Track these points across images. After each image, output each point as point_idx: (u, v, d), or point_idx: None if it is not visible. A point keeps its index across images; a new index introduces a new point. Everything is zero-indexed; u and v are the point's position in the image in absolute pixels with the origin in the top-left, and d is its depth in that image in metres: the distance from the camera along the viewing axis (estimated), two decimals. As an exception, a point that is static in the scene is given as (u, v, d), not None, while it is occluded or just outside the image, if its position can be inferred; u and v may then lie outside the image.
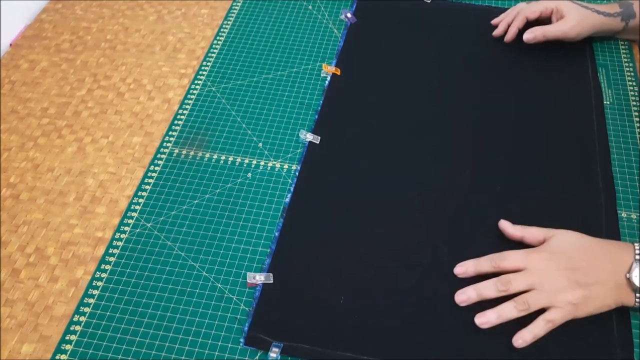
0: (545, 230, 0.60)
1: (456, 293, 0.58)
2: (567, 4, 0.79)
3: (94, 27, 0.89)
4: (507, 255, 0.58)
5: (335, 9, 0.90)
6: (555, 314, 0.54)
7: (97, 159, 0.72)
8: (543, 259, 0.57)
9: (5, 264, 0.63)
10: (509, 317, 0.55)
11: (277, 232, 0.64)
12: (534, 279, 0.56)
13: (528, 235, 0.60)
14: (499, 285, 0.56)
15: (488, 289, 0.57)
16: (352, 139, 0.72)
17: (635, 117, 0.74)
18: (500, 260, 0.58)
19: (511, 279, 0.56)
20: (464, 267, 0.59)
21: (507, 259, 0.58)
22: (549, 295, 0.55)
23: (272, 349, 0.55)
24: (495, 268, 0.58)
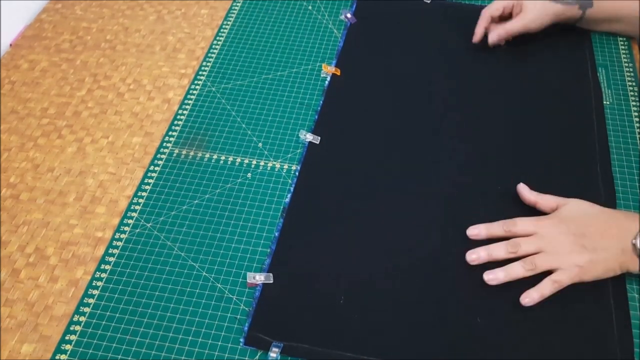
0: (558, 199, 0.62)
1: (467, 252, 0.60)
2: None
3: (94, 27, 0.89)
4: (518, 220, 0.60)
5: (335, 9, 0.90)
6: (562, 275, 0.56)
7: (97, 159, 0.72)
8: (552, 225, 0.59)
9: (5, 264, 0.63)
10: (516, 276, 0.58)
11: (277, 232, 0.64)
12: (542, 242, 0.58)
13: (542, 201, 0.63)
14: (509, 247, 0.59)
15: (498, 250, 0.59)
16: (352, 139, 0.72)
17: (635, 117, 0.74)
18: (512, 225, 0.60)
19: (520, 242, 0.59)
20: (476, 230, 0.62)
21: (518, 224, 0.60)
22: (556, 257, 0.57)
23: (272, 349, 0.55)
24: (506, 232, 0.60)
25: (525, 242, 0.59)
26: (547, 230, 0.59)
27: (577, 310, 0.57)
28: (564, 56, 0.81)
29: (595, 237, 0.57)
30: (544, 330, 0.56)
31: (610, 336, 0.55)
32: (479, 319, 0.57)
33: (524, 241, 0.59)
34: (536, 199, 0.63)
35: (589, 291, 0.58)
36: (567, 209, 0.61)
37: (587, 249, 0.57)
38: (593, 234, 0.57)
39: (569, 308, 0.57)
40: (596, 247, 0.57)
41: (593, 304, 0.58)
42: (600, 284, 0.58)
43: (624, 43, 0.83)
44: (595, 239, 0.57)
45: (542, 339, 0.55)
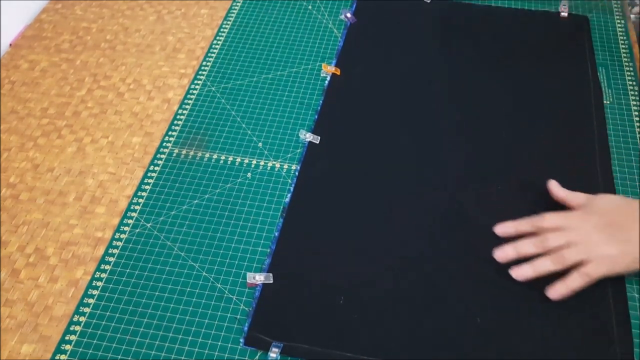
0: (589, 195, 0.61)
1: (495, 250, 0.59)
2: None
3: (94, 27, 0.89)
4: (546, 215, 0.59)
5: (335, 9, 0.90)
6: (591, 268, 0.55)
7: (96, 159, 0.72)
8: (581, 217, 0.58)
9: (5, 264, 0.63)
10: (544, 270, 0.56)
11: (277, 232, 0.64)
12: (571, 235, 0.57)
13: (571, 196, 0.61)
14: (537, 242, 0.58)
15: (526, 246, 0.58)
16: (352, 139, 0.72)
17: (635, 117, 0.74)
18: (540, 221, 0.59)
19: (549, 236, 0.58)
20: (504, 227, 0.61)
21: (546, 219, 0.59)
22: (585, 249, 0.56)
23: (272, 349, 0.55)
24: (534, 228, 0.59)
25: (553, 236, 0.57)
26: (576, 223, 0.58)
27: (577, 310, 0.57)
28: (564, 56, 0.81)
29: (627, 227, 0.56)
30: (543, 330, 0.56)
31: (610, 336, 0.55)
32: (478, 319, 0.57)
33: (553, 235, 0.58)
34: (566, 195, 0.62)
35: (588, 291, 0.58)
36: (596, 201, 0.59)
37: (618, 240, 0.55)
38: (624, 224, 0.56)
39: (569, 308, 0.57)
40: (628, 239, 0.55)
41: (593, 304, 0.57)
42: (600, 284, 0.58)
43: (624, 43, 0.83)
44: (627, 229, 0.56)
45: (541, 339, 0.55)
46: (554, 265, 0.56)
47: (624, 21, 0.86)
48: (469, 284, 0.59)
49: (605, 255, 0.55)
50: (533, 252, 0.58)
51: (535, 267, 0.57)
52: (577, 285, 0.56)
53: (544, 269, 0.57)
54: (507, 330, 0.56)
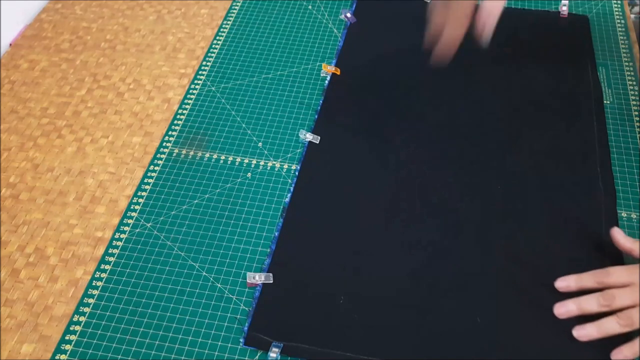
0: None
1: (556, 305, 0.56)
2: None
3: (94, 27, 0.89)
4: (612, 270, 0.55)
5: (335, 9, 0.90)
6: None
7: (96, 158, 0.72)
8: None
9: (5, 264, 0.63)
10: (610, 333, 0.53)
11: (277, 232, 0.64)
12: None
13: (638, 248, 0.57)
14: (602, 300, 0.54)
15: (590, 303, 0.54)
16: (352, 139, 0.72)
17: (635, 117, 0.74)
18: (605, 276, 0.55)
19: (615, 293, 0.53)
20: (565, 282, 0.57)
21: (612, 274, 0.55)
22: None
23: (272, 349, 0.55)
24: (599, 284, 0.55)
25: (620, 295, 0.53)
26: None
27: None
28: (564, 56, 0.81)
29: None
30: (543, 330, 0.56)
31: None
32: (478, 319, 0.57)
33: (619, 293, 0.53)
34: (632, 247, 0.57)
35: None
36: None
37: None
38: None
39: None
40: None
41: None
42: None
43: (624, 43, 0.83)
44: None
45: (541, 339, 0.55)
46: (622, 328, 0.52)
47: (624, 21, 0.86)
48: (470, 284, 0.59)
49: None
50: (597, 310, 0.54)
51: (601, 329, 0.53)
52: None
53: (611, 331, 0.53)
54: (508, 330, 0.56)
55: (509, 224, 0.64)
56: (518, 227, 0.63)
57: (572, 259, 0.61)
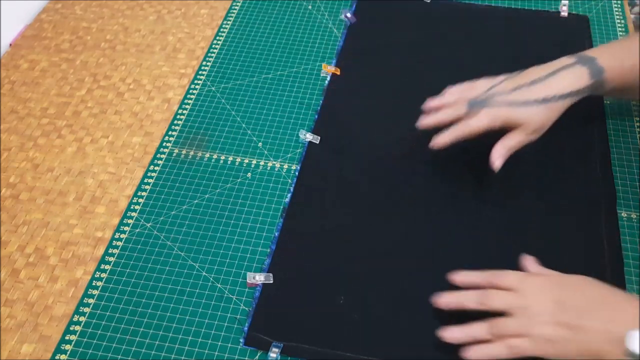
0: None
1: (437, 295, 0.56)
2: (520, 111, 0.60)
3: (94, 27, 0.89)
4: (506, 273, 0.54)
5: (335, 9, 0.90)
6: (524, 344, 0.49)
7: (96, 159, 0.72)
8: (539, 285, 0.52)
9: (5, 264, 0.63)
10: (476, 338, 0.52)
11: (277, 232, 0.64)
12: (518, 302, 0.51)
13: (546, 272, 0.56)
14: (479, 297, 0.53)
15: (468, 299, 0.54)
16: (352, 139, 0.72)
17: (635, 117, 0.74)
18: (496, 278, 0.54)
19: (494, 295, 0.52)
20: (459, 277, 0.57)
21: (503, 276, 0.54)
22: (525, 324, 0.50)
23: (272, 349, 0.55)
24: (488, 283, 0.54)
25: (498, 296, 0.52)
26: (531, 289, 0.51)
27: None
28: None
29: (581, 312, 0.49)
30: None
31: None
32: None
33: (498, 294, 0.52)
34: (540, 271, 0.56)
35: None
36: (567, 275, 0.53)
37: (566, 325, 0.49)
38: (580, 307, 0.49)
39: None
40: (578, 326, 0.48)
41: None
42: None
43: (624, 43, 0.83)
44: (581, 315, 0.49)
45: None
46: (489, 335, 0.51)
47: (624, 21, 0.86)
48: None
49: (544, 337, 0.49)
50: (473, 307, 0.53)
51: (467, 333, 0.52)
52: (501, 354, 0.50)
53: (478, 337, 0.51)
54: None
55: (509, 225, 0.64)
56: (517, 228, 0.63)
57: (572, 259, 0.61)
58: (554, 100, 0.60)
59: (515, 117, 0.60)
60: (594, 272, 0.59)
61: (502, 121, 0.61)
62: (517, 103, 0.60)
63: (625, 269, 0.60)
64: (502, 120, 0.61)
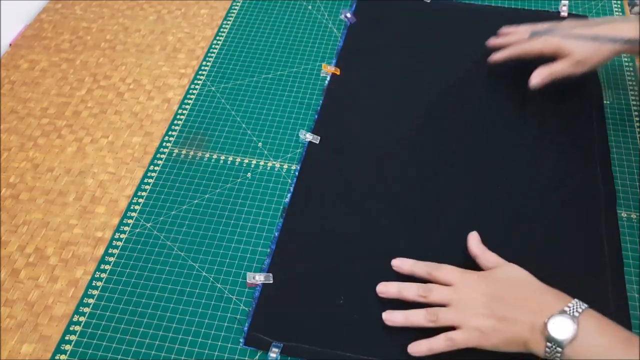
0: (498, 259, 0.57)
1: (380, 284, 0.58)
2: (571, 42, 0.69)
3: (94, 27, 0.89)
4: (444, 267, 0.57)
5: (335, 9, 0.90)
6: (459, 335, 0.53)
7: (96, 159, 0.72)
8: (473, 281, 0.55)
9: (5, 264, 0.63)
10: (415, 323, 0.55)
11: (277, 232, 0.64)
12: (455, 295, 0.54)
13: (483, 257, 0.58)
14: (420, 290, 0.56)
15: (409, 290, 0.56)
16: (352, 139, 0.72)
17: (635, 117, 0.74)
18: (435, 269, 0.57)
19: (434, 288, 0.55)
20: (400, 262, 0.59)
21: (442, 270, 0.57)
22: (461, 314, 0.53)
23: (272, 349, 0.55)
24: (428, 275, 0.57)
25: (438, 290, 0.55)
26: (466, 285, 0.55)
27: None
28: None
29: (510, 306, 0.52)
30: None
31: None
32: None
33: (437, 289, 0.55)
34: (477, 253, 0.58)
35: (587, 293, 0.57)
36: (498, 270, 0.56)
37: (495, 316, 0.52)
38: (509, 302, 0.52)
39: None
40: (506, 317, 0.52)
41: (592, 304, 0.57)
42: (600, 284, 0.58)
43: (624, 43, 0.83)
44: (509, 307, 0.52)
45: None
46: (426, 322, 0.54)
47: (624, 21, 0.86)
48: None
49: (476, 326, 0.52)
50: (414, 299, 0.56)
51: (407, 318, 0.55)
52: (441, 347, 0.53)
53: (416, 322, 0.55)
54: None
55: (509, 225, 0.64)
56: (518, 228, 0.63)
57: (572, 259, 0.61)
58: (605, 41, 0.68)
59: (565, 46, 0.69)
60: (594, 272, 0.60)
61: (554, 48, 0.70)
62: (571, 35, 0.69)
63: (625, 269, 0.60)
64: (553, 47, 0.70)
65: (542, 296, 0.53)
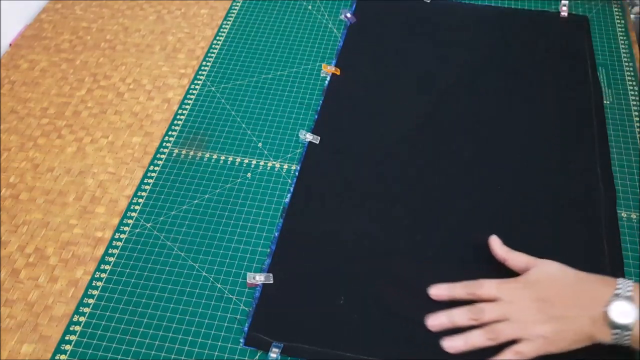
0: (528, 259, 0.57)
1: (429, 317, 0.56)
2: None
3: (94, 27, 0.89)
4: (483, 282, 0.56)
5: (335, 9, 0.90)
6: (525, 347, 0.52)
7: (96, 159, 0.72)
8: (517, 289, 0.55)
9: (5, 264, 0.63)
10: (476, 345, 0.53)
11: (277, 232, 0.64)
12: (506, 309, 0.54)
13: (511, 259, 0.58)
14: (471, 314, 0.55)
15: (460, 317, 0.55)
16: (352, 139, 0.72)
17: (635, 117, 0.74)
18: (476, 288, 0.56)
19: (484, 308, 0.54)
20: (437, 290, 0.57)
21: (483, 286, 0.56)
22: (520, 326, 0.52)
23: (272, 349, 0.55)
24: (469, 295, 0.56)
25: (489, 310, 0.54)
26: (511, 296, 0.54)
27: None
28: (564, 56, 0.81)
29: (563, 304, 0.52)
30: None
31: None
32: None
33: (487, 308, 0.54)
34: (506, 256, 0.58)
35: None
36: (535, 271, 0.55)
37: (553, 318, 0.52)
38: (561, 301, 0.52)
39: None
40: (563, 316, 0.51)
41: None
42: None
43: (624, 43, 0.83)
44: (563, 307, 0.52)
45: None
46: (487, 341, 0.53)
47: (624, 21, 0.86)
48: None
49: (539, 334, 0.51)
50: (467, 324, 0.55)
51: (467, 341, 0.54)
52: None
53: (478, 344, 0.53)
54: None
55: (509, 225, 0.64)
56: (518, 228, 0.63)
57: (572, 259, 0.61)
58: None
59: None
60: (594, 272, 0.59)
61: None
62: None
63: (625, 269, 0.60)
64: None
65: (588, 285, 0.52)
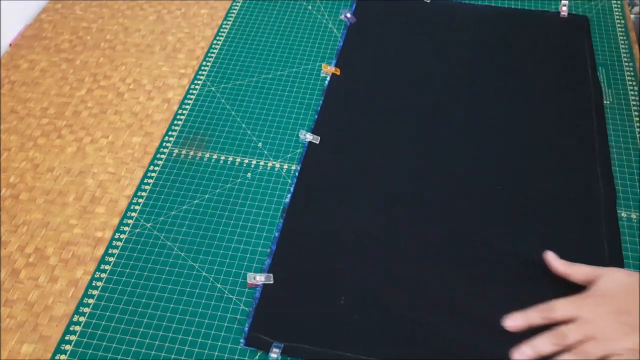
0: (592, 270, 0.56)
1: (512, 352, 0.54)
2: None
3: (94, 27, 0.89)
4: (556, 304, 0.55)
5: (335, 9, 0.90)
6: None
7: (96, 159, 0.72)
8: (594, 305, 0.54)
9: (5, 264, 0.63)
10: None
11: (277, 232, 0.64)
12: (588, 328, 0.53)
13: (574, 273, 0.57)
14: (554, 340, 0.53)
15: (544, 345, 0.53)
16: (352, 139, 0.72)
17: (635, 117, 0.74)
18: (550, 311, 0.54)
19: (566, 331, 0.53)
20: (513, 321, 0.55)
21: (557, 309, 0.54)
22: (606, 344, 0.52)
23: (272, 349, 0.55)
24: (545, 320, 0.55)
25: (571, 331, 0.53)
26: (589, 313, 0.53)
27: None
28: (564, 56, 0.81)
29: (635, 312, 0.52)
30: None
31: None
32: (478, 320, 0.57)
33: (570, 330, 0.53)
34: (567, 271, 0.57)
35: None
36: (604, 282, 0.55)
37: (635, 329, 0.51)
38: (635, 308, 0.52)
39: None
40: None
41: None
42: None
43: (624, 43, 0.83)
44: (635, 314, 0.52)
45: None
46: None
47: (624, 21, 0.86)
48: (469, 285, 0.59)
49: (627, 348, 0.51)
50: (552, 350, 0.53)
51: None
52: None
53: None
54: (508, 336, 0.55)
55: (510, 225, 0.64)
56: (517, 228, 0.63)
57: (572, 259, 0.61)
58: None
59: None
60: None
61: None
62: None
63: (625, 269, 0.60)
64: None
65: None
